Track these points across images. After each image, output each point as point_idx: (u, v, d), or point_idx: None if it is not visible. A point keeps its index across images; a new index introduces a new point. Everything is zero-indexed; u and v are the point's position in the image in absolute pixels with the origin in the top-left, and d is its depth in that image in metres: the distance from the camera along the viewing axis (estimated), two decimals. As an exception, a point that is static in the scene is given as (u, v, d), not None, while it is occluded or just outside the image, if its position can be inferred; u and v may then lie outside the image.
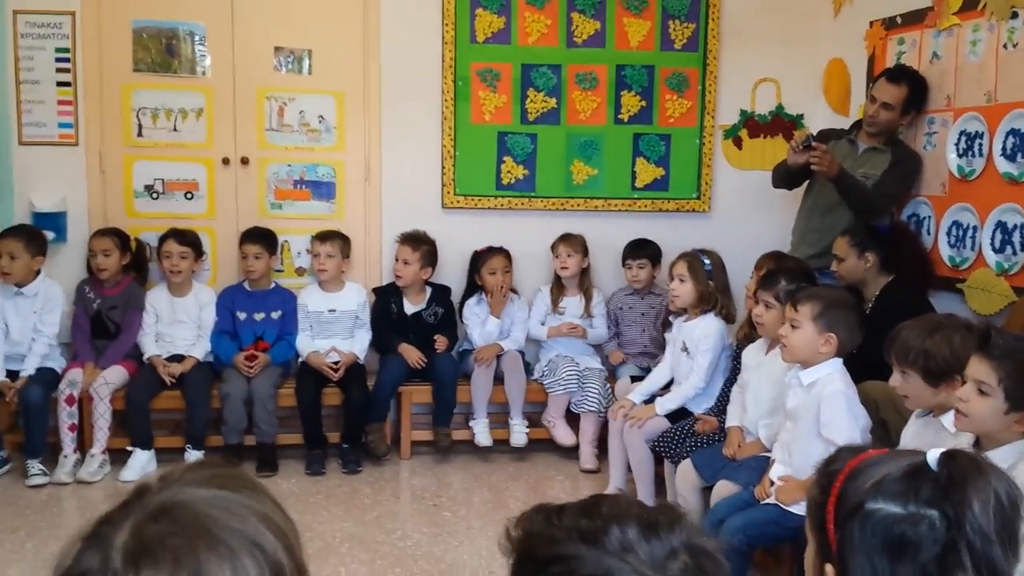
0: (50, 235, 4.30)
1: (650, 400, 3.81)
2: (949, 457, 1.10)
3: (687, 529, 0.94)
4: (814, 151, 3.72)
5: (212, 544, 0.82)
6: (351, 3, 4.50)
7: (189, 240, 4.32)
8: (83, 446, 4.07)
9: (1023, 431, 2.05)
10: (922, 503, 1.06)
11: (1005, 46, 3.47)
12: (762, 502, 2.83)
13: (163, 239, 4.31)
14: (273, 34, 4.49)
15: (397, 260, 4.44)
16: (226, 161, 4.51)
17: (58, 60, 4.33)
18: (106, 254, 4.24)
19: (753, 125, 4.79)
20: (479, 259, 4.50)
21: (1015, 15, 3.41)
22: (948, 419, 2.31)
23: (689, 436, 3.51)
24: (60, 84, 4.34)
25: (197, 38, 4.45)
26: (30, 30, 4.29)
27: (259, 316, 4.40)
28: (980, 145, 3.58)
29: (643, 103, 4.70)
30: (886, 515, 1.07)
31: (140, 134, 4.45)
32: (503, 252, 4.49)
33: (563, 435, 4.31)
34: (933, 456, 1.10)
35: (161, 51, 4.44)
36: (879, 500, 1.08)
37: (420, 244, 4.42)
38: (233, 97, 4.49)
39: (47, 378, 4.09)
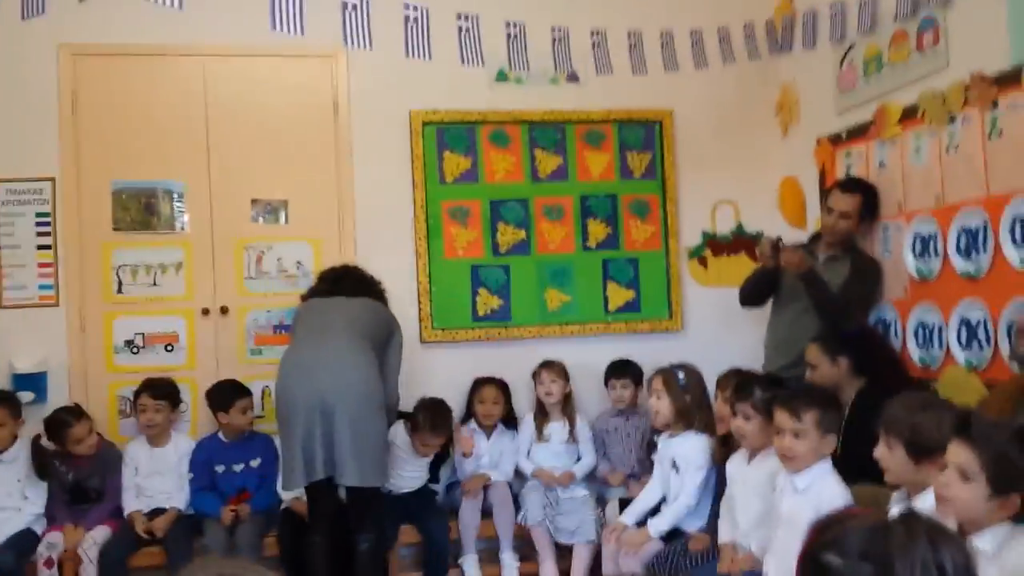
0: (30, 396, 4.28)
1: (643, 521, 3.77)
2: (903, 518, 1.18)
3: None
4: (782, 252, 3.87)
5: None
6: (324, 153, 4.67)
7: (163, 392, 4.28)
8: (63, 609, 3.94)
9: (1006, 515, 2.03)
10: (857, 557, 1.17)
11: (948, 150, 3.59)
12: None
13: (138, 393, 4.28)
14: (250, 187, 4.63)
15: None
16: (206, 312, 4.57)
17: (38, 224, 4.42)
18: None
19: (715, 245, 4.96)
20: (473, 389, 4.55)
21: (952, 120, 3.56)
22: (924, 501, 2.28)
23: (683, 556, 3.47)
24: (40, 247, 4.42)
25: (175, 195, 4.58)
26: (10, 197, 4.39)
27: (238, 467, 4.31)
28: (935, 245, 3.68)
29: (609, 230, 4.86)
30: (831, 566, 1.19)
31: (120, 290, 4.51)
32: (493, 383, 4.52)
33: (546, 571, 4.18)
34: (894, 512, 1.19)
35: (140, 210, 4.55)
36: (831, 554, 1.19)
37: None
38: (212, 250, 4.59)
39: (23, 541, 3.97)
